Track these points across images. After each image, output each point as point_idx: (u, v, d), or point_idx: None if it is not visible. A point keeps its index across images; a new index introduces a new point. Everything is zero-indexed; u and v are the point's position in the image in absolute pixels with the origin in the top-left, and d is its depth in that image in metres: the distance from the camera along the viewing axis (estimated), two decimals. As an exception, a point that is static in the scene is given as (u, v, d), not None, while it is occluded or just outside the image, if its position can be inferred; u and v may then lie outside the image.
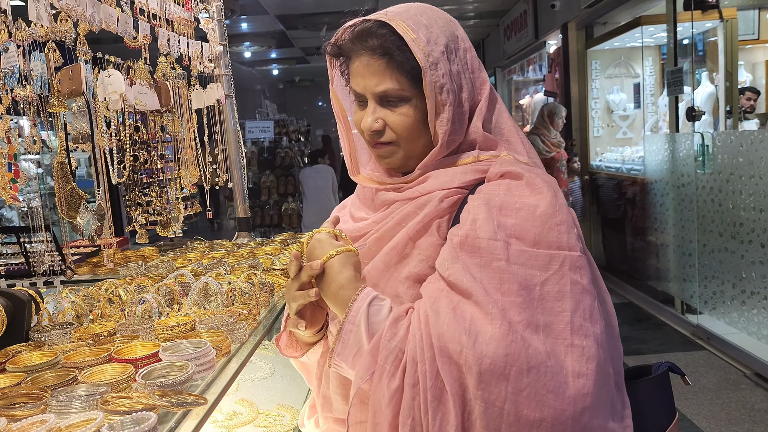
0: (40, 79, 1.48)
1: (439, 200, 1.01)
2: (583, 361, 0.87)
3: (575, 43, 6.92)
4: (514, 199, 0.96)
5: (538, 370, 0.84)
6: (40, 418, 1.03)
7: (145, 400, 1.06)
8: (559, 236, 0.93)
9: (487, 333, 0.86)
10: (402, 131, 1.04)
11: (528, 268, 0.91)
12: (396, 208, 1.06)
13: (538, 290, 0.90)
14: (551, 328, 0.88)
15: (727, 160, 4.29)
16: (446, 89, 1.01)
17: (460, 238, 0.95)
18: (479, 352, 0.85)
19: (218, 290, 1.66)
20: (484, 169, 1.03)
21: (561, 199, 0.98)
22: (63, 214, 1.59)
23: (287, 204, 7.97)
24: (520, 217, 0.95)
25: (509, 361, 0.84)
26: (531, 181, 0.98)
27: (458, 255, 0.94)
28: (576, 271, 0.92)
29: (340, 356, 0.98)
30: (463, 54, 1.04)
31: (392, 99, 1.03)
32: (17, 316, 1.45)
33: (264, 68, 13.57)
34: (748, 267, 4.10)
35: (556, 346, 0.87)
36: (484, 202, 0.97)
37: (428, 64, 0.99)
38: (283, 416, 2.16)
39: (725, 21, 5.28)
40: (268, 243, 2.58)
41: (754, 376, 3.97)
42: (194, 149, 2.33)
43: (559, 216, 0.95)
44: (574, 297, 0.90)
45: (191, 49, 2.32)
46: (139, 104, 1.84)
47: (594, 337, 0.89)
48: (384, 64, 1.01)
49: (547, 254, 0.92)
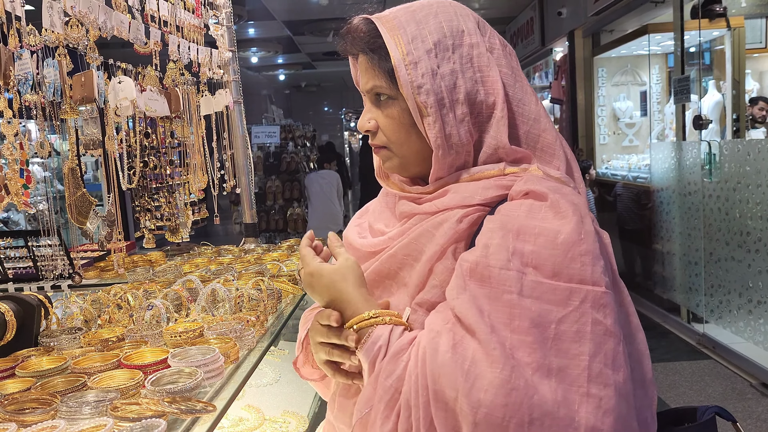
0: (53, 85, 1.49)
1: (457, 221, 0.93)
2: (599, 414, 0.77)
3: (582, 51, 6.92)
4: (534, 222, 0.86)
5: (542, 423, 0.76)
6: (50, 424, 1.03)
7: (154, 406, 1.06)
8: (582, 268, 0.82)
9: (486, 378, 0.78)
10: (390, 133, 0.99)
11: (543, 302, 0.81)
12: (412, 224, 0.98)
13: (553, 328, 0.80)
14: (565, 372, 0.78)
15: (734, 168, 4.28)
16: (425, 90, 0.92)
17: (470, 265, 0.86)
18: (475, 401, 0.77)
19: (226, 296, 1.67)
20: (508, 185, 0.93)
21: (588, 225, 0.86)
22: (73, 220, 1.60)
23: (292, 209, 7.98)
24: (539, 244, 0.84)
25: (508, 412, 0.76)
26: (555, 202, 0.87)
27: (467, 284, 0.86)
28: (599, 310, 0.81)
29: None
30: (467, 51, 0.95)
31: (382, 98, 0.98)
32: (27, 320, 1.46)
33: (270, 73, 13.63)
34: (755, 276, 4.08)
35: (570, 394, 0.77)
36: (500, 225, 0.88)
37: (405, 62, 0.93)
38: (289, 423, 2.16)
39: (732, 29, 5.27)
40: (275, 249, 2.59)
41: (760, 386, 3.95)
42: (202, 155, 2.34)
43: (584, 245, 0.84)
44: (595, 339, 0.80)
45: (200, 56, 2.33)
46: (149, 110, 1.85)
47: (615, 387, 0.79)
48: (368, 61, 0.98)
49: (567, 288, 0.81)
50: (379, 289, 1.02)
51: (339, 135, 16.97)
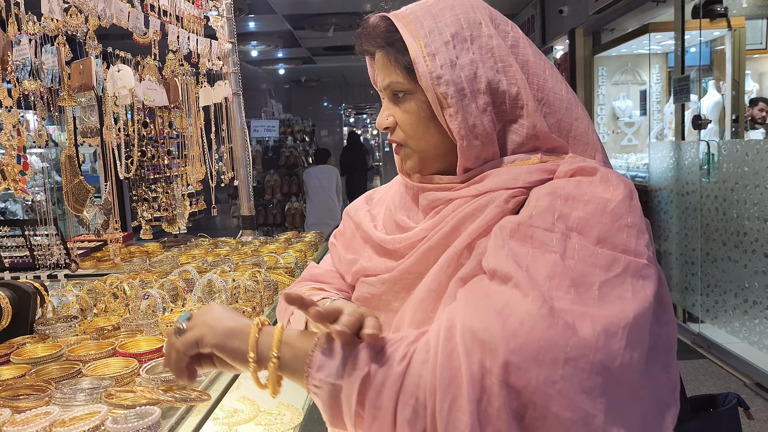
0: (51, 72, 1.48)
1: (505, 200, 0.89)
2: (628, 368, 0.75)
3: (582, 49, 6.92)
4: (584, 190, 0.85)
5: (576, 363, 0.72)
6: (44, 410, 1.03)
7: (149, 394, 1.06)
8: (627, 239, 0.81)
9: (521, 313, 0.74)
10: (408, 128, 0.97)
11: (586, 265, 0.79)
12: (450, 211, 0.93)
13: (596, 290, 0.77)
14: (609, 324, 0.75)
15: (732, 169, 4.28)
16: (445, 80, 0.91)
17: (512, 225, 0.84)
18: (509, 331, 0.73)
19: (222, 287, 1.66)
20: (552, 169, 0.91)
21: (636, 201, 0.86)
22: (70, 208, 1.59)
23: (291, 204, 7.98)
24: (588, 211, 0.83)
25: (544, 345, 0.72)
26: (606, 176, 0.87)
27: (506, 243, 0.83)
28: (639, 280, 0.80)
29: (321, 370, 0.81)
30: (486, 41, 0.94)
31: (399, 94, 0.97)
32: (22, 308, 1.46)
33: (270, 68, 13.59)
34: (751, 277, 4.09)
35: (611, 342, 0.74)
36: (548, 191, 0.86)
37: (423, 54, 0.92)
38: (284, 415, 2.16)
39: (733, 30, 5.28)
40: (272, 241, 2.59)
41: (754, 386, 3.96)
42: (201, 146, 2.33)
43: (630, 218, 0.83)
44: (636, 303, 0.78)
45: (200, 47, 2.32)
46: (148, 100, 1.85)
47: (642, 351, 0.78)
48: (384, 57, 0.97)
49: (610, 255, 0.80)
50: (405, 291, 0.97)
51: (338, 131, 16.96)
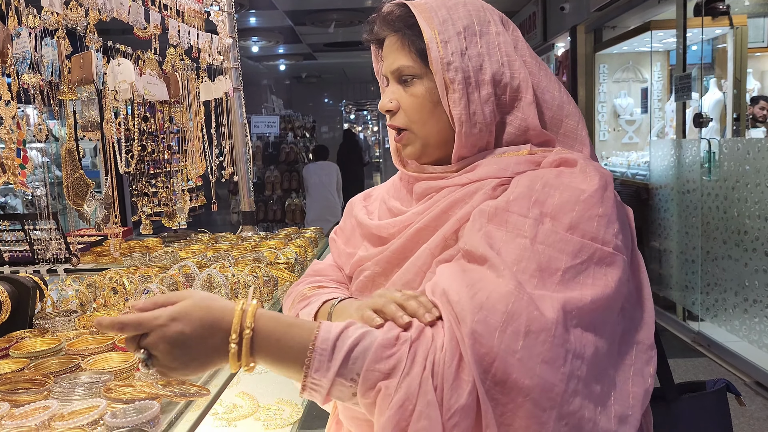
0: (51, 65, 1.48)
1: (492, 188, 0.95)
2: (587, 346, 0.80)
3: (584, 47, 6.90)
4: (561, 180, 0.91)
5: (537, 337, 0.78)
6: (43, 404, 1.03)
7: (148, 389, 1.06)
8: (597, 228, 0.87)
9: (490, 288, 0.81)
10: (413, 112, 1.01)
11: (554, 251, 0.85)
12: (441, 196, 0.99)
13: (559, 276, 0.83)
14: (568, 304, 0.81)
15: (733, 167, 4.27)
16: (454, 67, 0.97)
17: (490, 209, 0.90)
18: (477, 302, 0.80)
19: (222, 282, 1.66)
20: (539, 160, 0.98)
21: (609, 192, 0.92)
22: (70, 202, 1.59)
23: (291, 200, 7.98)
24: (563, 199, 0.89)
25: (507, 318, 0.78)
26: (584, 168, 0.93)
27: (483, 226, 0.89)
28: (602, 267, 0.85)
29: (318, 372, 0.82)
30: (493, 38, 1.00)
31: (406, 78, 1.01)
32: (21, 302, 1.45)
33: (271, 63, 13.56)
34: (752, 275, 4.09)
35: (556, 328, 0.79)
36: (528, 178, 0.93)
37: (436, 40, 0.98)
38: (283, 410, 2.16)
39: (735, 28, 5.26)
40: (272, 237, 2.58)
41: (754, 385, 3.96)
42: (201, 141, 2.33)
43: (602, 208, 0.89)
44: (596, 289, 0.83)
45: (201, 41, 2.31)
46: (148, 94, 1.84)
47: (593, 343, 0.81)
48: (398, 40, 1.02)
49: (579, 242, 0.86)
50: (396, 268, 1.01)
51: (339, 127, 16.93)
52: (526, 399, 0.76)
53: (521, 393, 0.76)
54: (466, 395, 0.78)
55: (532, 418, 0.76)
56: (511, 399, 0.77)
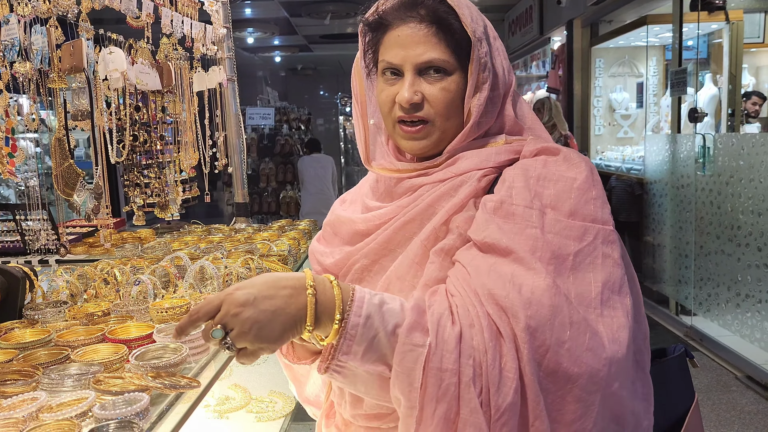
0: (40, 53, 1.46)
1: (477, 179, 0.99)
2: (614, 329, 0.86)
3: (580, 41, 6.89)
4: (552, 171, 0.96)
5: (579, 327, 0.83)
6: (31, 396, 1.02)
7: (137, 381, 1.05)
8: (594, 210, 0.93)
9: (530, 284, 0.85)
10: (441, 107, 1.00)
11: (562, 237, 0.90)
12: (425, 191, 1.01)
13: (571, 260, 0.88)
14: (582, 297, 0.86)
15: (727, 162, 4.28)
16: (488, 67, 1.00)
17: (494, 204, 0.94)
18: (525, 298, 0.83)
19: (215, 274, 1.65)
20: (516, 149, 1.02)
21: (596, 175, 0.98)
22: (59, 191, 1.57)
23: (285, 192, 7.95)
24: (558, 189, 0.94)
25: (554, 311, 0.83)
26: (568, 156, 0.98)
27: (492, 219, 0.92)
28: (608, 245, 0.91)
29: (346, 355, 0.85)
30: (493, 41, 1.05)
31: (433, 71, 1.00)
32: (11, 293, 1.44)
33: (266, 55, 13.49)
34: (744, 270, 4.10)
35: (588, 314, 0.86)
36: (521, 171, 0.96)
37: (475, 38, 0.99)
38: (276, 403, 2.15)
39: (731, 23, 5.26)
40: (265, 229, 2.57)
41: (745, 379, 3.99)
42: (194, 132, 2.31)
43: (594, 191, 0.95)
44: (605, 269, 0.89)
45: (194, 31, 2.29)
46: (140, 83, 1.82)
47: (623, 309, 0.88)
48: (433, 32, 0.99)
49: (582, 225, 0.91)
50: (384, 259, 1.02)
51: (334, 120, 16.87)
52: (575, 386, 0.82)
53: (570, 380, 0.82)
54: (512, 393, 0.81)
55: (580, 402, 0.82)
56: (561, 387, 0.82)
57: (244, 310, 0.82)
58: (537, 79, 9.28)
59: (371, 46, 1.07)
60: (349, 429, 1.09)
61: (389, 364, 0.85)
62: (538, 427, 0.82)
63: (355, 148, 8.64)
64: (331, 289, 0.87)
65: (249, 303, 0.83)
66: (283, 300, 0.84)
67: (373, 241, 1.03)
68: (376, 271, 1.03)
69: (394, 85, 1.02)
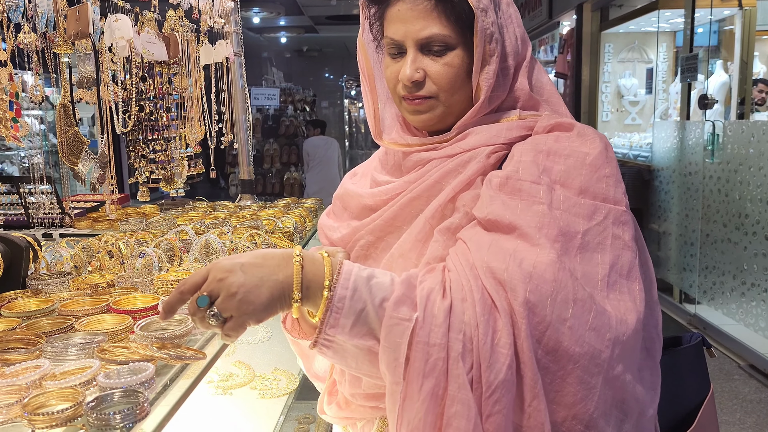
0: (45, 16, 1.42)
1: (486, 156, 0.94)
2: (621, 311, 0.83)
3: (589, 25, 6.81)
4: (563, 145, 0.92)
5: (583, 304, 0.79)
6: (34, 364, 1.00)
7: (143, 351, 1.03)
8: (606, 188, 0.89)
9: (532, 258, 0.81)
10: (444, 83, 0.97)
11: (571, 215, 0.86)
12: (433, 166, 0.98)
13: (579, 239, 0.84)
14: (588, 278, 0.83)
15: (736, 150, 4.24)
16: (495, 38, 0.95)
17: (500, 179, 0.90)
18: (526, 272, 0.80)
19: (220, 248, 1.63)
20: (529, 125, 0.97)
21: (611, 152, 0.93)
22: (64, 160, 1.55)
23: (290, 173, 7.93)
24: (569, 164, 0.90)
25: (556, 286, 0.79)
26: (582, 131, 0.94)
27: (497, 195, 0.89)
28: (619, 226, 0.87)
29: (333, 328, 0.83)
30: (506, 8, 0.99)
31: (436, 47, 0.96)
32: (14, 262, 1.42)
33: (272, 36, 13.39)
34: (750, 259, 4.07)
35: (595, 293, 0.82)
36: (531, 147, 0.93)
37: (479, 9, 0.93)
38: (279, 380, 2.15)
39: (744, 9, 5.19)
40: (271, 206, 2.55)
41: (748, 368, 3.98)
42: (201, 106, 2.27)
43: (608, 168, 0.90)
44: (614, 251, 0.85)
45: (202, 3, 2.25)
46: (147, 53, 1.79)
47: (630, 294, 0.84)
48: (431, 6, 0.94)
49: (592, 204, 0.87)
50: (390, 236, 1.00)
51: (339, 102, 16.79)
52: (576, 366, 0.78)
53: (571, 360, 0.78)
54: (505, 369, 0.78)
55: (581, 384, 0.78)
56: (561, 366, 0.79)
57: (230, 275, 0.82)
58: (545, 64, 9.19)
59: (377, 18, 1.04)
60: (349, 407, 1.08)
61: (378, 338, 0.83)
62: (536, 407, 0.78)
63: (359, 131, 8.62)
64: (320, 261, 0.86)
65: (236, 269, 0.83)
66: (271, 269, 0.84)
67: (379, 217, 1.01)
68: (382, 248, 1.01)
69: (399, 62, 0.99)
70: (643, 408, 0.84)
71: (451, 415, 0.78)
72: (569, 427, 0.79)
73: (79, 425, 0.86)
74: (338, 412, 1.11)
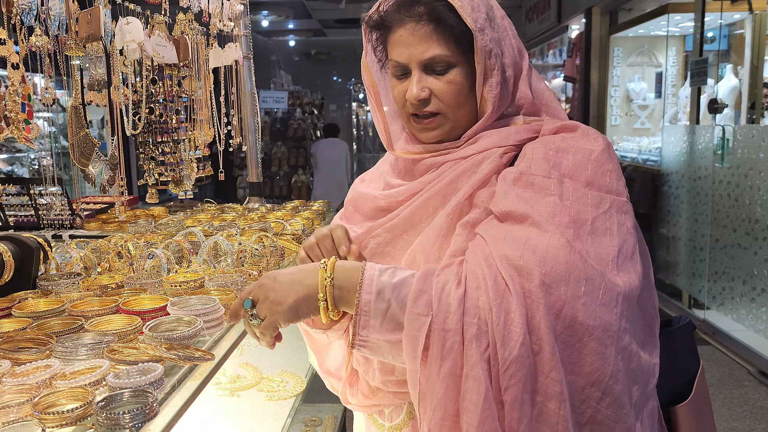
0: (57, 19, 1.44)
1: (499, 156, 1.02)
2: (630, 287, 0.91)
3: (598, 29, 6.79)
4: (570, 144, 1.01)
5: (593, 282, 0.88)
6: (45, 363, 1.01)
7: (152, 351, 1.04)
8: (610, 181, 0.98)
9: (545, 243, 0.89)
10: (449, 99, 1.05)
11: (580, 204, 0.95)
12: (448, 167, 1.05)
13: (589, 225, 0.93)
14: (600, 258, 0.91)
15: (746, 154, 4.21)
16: (494, 54, 1.03)
17: (514, 175, 0.98)
18: (540, 257, 0.88)
19: (228, 250, 1.64)
20: (535, 128, 1.06)
21: (613, 151, 1.03)
22: (75, 161, 1.56)
23: (297, 176, 7.94)
24: (576, 160, 0.99)
25: (569, 268, 0.87)
26: (586, 131, 1.03)
27: (512, 189, 0.97)
28: (622, 214, 0.96)
29: (365, 329, 0.93)
30: (500, 21, 1.07)
31: (438, 66, 1.04)
32: (25, 262, 1.43)
33: (280, 39, 13.43)
34: (761, 264, 4.04)
35: (606, 271, 0.90)
36: (541, 145, 1.01)
37: (476, 28, 1.01)
38: (287, 382, 2.15)
39: (755, 13, 5.15)
40: (279, 209, 2.56)
41: (758, 374, 3.95)
42: (210, 108, 2.29)
43: (610, 164, 1.00)
44: (620, 236, 0.94)
45: (211, 6, 2.26)
46: (157, 56, 1.80)
47: (636, 273, 0.93)
48: (431, 30, 1.02)
49: (598, 195, 0.96)
50: (408, 234, 1.06)
51: (347, 106, 16.80)
52: (591, 338, 0.86)
53: (587, 333, 0.86)
54: (519, 347, 0.85)
55: (596, 354, 0.86)
56: (578, 339, 0.86)
57: (268, 281, 0.98)
58: (553, 68, 9.18)
59: (380, 42, 1.13)
60: (377, 395, 1.13)
61: None
62: (554, 377, 0.85)
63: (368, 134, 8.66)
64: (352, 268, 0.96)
65: (274, 276, 0.98)
66: (302, 275, 0.97)
67: (396, 216, 1.07)
68: (401, 246, 1.07)
69: (404, 82, 1.07)
70: (647, 377, 0.93)
71: (466, 389, 0.86)
72: (588, 394, 0.87)
73: (89, 425, 0.86)
74: (364, 401, 1.16)
